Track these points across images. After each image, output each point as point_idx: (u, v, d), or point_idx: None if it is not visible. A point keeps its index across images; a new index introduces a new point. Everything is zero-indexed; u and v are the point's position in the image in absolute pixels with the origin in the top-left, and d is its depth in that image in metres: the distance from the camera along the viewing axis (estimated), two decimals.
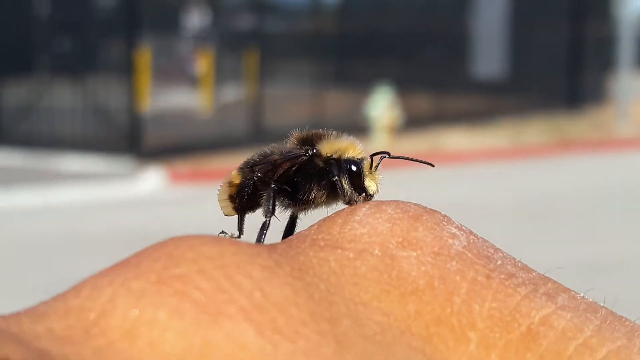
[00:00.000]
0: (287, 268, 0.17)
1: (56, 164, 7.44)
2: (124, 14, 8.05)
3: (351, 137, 0.33)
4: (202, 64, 9.65)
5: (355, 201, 0.30)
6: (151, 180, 6.83)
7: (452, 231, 0.20)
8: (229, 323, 0.16)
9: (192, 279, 0.16)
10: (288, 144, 0.33)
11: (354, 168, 0.30)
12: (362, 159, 0.31)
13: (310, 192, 0.31)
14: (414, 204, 0.22)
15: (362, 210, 0.20)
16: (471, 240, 0.20)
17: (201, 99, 9.30)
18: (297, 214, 0.33)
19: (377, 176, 0.31)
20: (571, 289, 0.20)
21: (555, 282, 0.20)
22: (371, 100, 8.81)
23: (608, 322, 0.19)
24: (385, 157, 0.33)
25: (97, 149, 7.90)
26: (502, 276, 0.19)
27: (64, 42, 8.60)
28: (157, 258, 0.17)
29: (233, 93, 9.48)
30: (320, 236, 0.20)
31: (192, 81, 9.76)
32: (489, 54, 11.12)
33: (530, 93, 11.48)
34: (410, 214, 0.20)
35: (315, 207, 0.32)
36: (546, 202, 6.42)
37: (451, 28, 11.20)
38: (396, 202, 0.22)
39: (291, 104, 9.39)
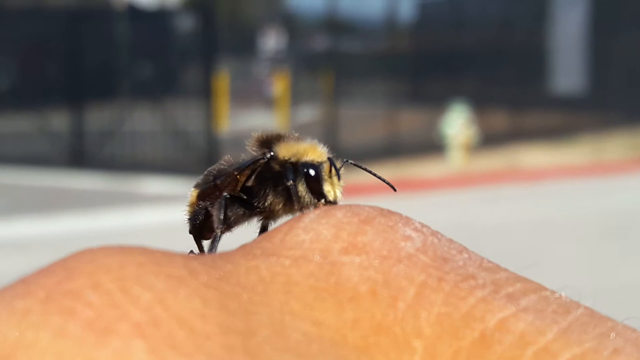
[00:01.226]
0: (204, 277, 0.16)
1: (137, 186, 7.61)
2: (202, 39, 8.21)
3: (314, 139, 0.31)
4: (278, 86, 9.76)
5: (310, 208, 0.28)
6: None
7: (406, 233, 0.18)
8: (117, 341, 0.15)
9: (83, 294, 0.15)
10: (247, 147, 0.31)
11: (311, 172, 0.28)
12: (321, 163, 0.29)
13: (265, 199, 0.29)
14: (372, 207, 0.20)
15: (309, 216, 0.19)
16: (428, 242, 0.18)
17: (277, 119, 9.41)
18: (267, 225, 0.31)
19: (338, 181, 0.29)
20: (551, 288, 0.19)
21: (529, 281, 0.18)
22: (447, 119, 8.76)
23: (580, 323, 0.17)
24: (346, 162, 0.31)
25: (177, 171, 8.05)
26: (458, 278, 0.17)
27: (144, 67, 8.82)
28: (53, 272, 0.16)
29: (309, 113, 9.56)
30: (259, 245, 0.19)
31: (269, 102, 9.88)
32: (568, 69, 10.94)
33: (611, 108, 11.23)
34: (362, 217, 0.19)
35: (276, 215, 0.30)
36: (629, 220, 6.26)
37: (528, 43, 11.07)
38: (350, 206, 0.20)
39: (366, 123, 9.40)
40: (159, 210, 6.43)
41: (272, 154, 0.29)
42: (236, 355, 0.15)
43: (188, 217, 0.31)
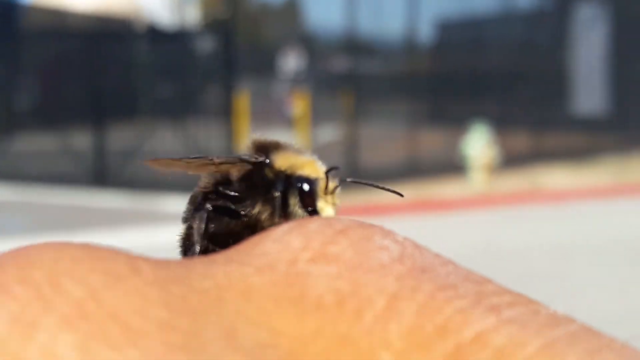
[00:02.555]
0: (148, 276, 0.15)
1: (159, 204, 7.65)
2: (223, 59, 8.26)
3: (313, 155, 0.29)
4: (299, 106, 9.79)
5: None
6: None
7: (383, 244, 0.17)
8: (43, 335, 0.14)
9: (11, 288, 0.15)
10: (243, 149, 0.30)
11: (306, 187, 0.27)
12: (317, 178, 0.28)
13: (253, 207, 0.28)
14: (352, 219, 0.19)
15: (282, 228, 0.18)
16: (407, 253, 0.17)
17: (297, 139, 9.41)
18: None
19: (334, 200, 0.28)
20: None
21: (520, 295, 0.17)
22: (468, 139, 8.74)
23: (570, 337, 0.16)
24: (345, 180, 0.29)
25: None
26: (435, 288, 0.16)
27: (165, 87, 8.88)
28: None
29: (329, 133, 9.57)
30: (224, 254, 0.18)
31: (289, 122, 9.91)
32: (590, 90, 10.90)
33: (633, 129, 11.17)
34: (337, 228, 0.18)
35: (262, 227, 0.28)
36: None
37: (550, 64, 11.05)
38: (326, 218, 0.19)
39: (387, 144, 9.40)
40: (181, 228, 6.44)
41: (267, 161, 0.28)
42: (176, 352, 0.14)
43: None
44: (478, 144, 8.47)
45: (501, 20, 11.02)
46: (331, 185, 0.28)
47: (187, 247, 0.30)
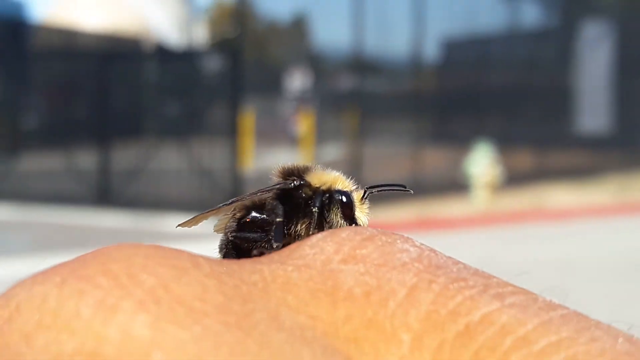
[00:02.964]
0: (206, 269, 0.18)
1: (162, 224, 7.68)
2: (229, 79, 8.32)
3: (336, 171, 0.32)
4: (303, 124, 9.83)
5: None
6: None
7: (404, 247, 0.20)
8: (122, 316, 0.16)
9: (95, 279, 0.17)
10: (272, 176, 0.32)
11: (344, 199, 0.29)
12: (352, 191, 0.30)
13: (296, 224, 0.30)
14: (376, 229, 0.22)
15: (317, 236, 0.21)
16: (425, 255, 0.20)
17: (302, 158, 9.47)
18: None
19: (365, 208, 0.30)
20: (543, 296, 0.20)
21: (519, 287, 0.19)
22: (471, 158, 8.77)
23: (563, 318, 0.18)
24: (371, 191, 0.32)
25: (202, 209, 8.12)
26: (449, 280, 0.19)
27: (170, 106, 8.94)
28: (69, 262, 0.18)
29: (333, 152, 9.62)
30: (268, 256, 0.21)
31: (294, 141, 9.95)
32: (593, 108, 10.94)
33: (637, 147, 11.20)
34: (364, 235, 0.20)
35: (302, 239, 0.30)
36: None
37: (554, 82, 11.09)
38: (355, 227, 0.22)
39: (391, 162, 9.43)
40: (184, 248, 6.46)
41: (303, 181, 0.30)
42: (231, 329, 0.16)
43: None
44: (481, 163, 8.50)
45: (506, 38, 11.08)
46: (361, 195, 0.30)
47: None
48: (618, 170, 10.64)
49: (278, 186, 0.30)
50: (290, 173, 0.31)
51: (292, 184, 0.30)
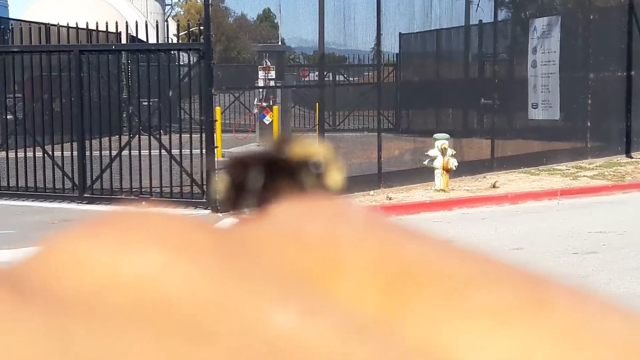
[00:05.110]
0: (196, 223, 0.22)
1: None
2: (200, 72, 8.61)
3: (319, 142, 0.34)
4: (271, 116, 10.19)
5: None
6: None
7: (354, 209, 0.23)
8: (140, 245, 0.20)
9: (107, 230, 0.21)
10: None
11: (318, 168, 0.32)
12: (327, 161, 0.32)
13: (277, 188, 0.31)
14: (334, 197, 0.26)
15: (289, 201, 0.24)
16: (370, 214, 0.23)
17: None
18: None
19: (339, 175, 0.32)
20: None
21: (439, 239, 0.22)
22: (431, 147, 9.23)
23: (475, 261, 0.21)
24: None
25: (177, 198, 8.53)
26: (384, 234, 0.22)
27: (144, 100, 9.26)
28: (82, 224, 0.22)
29: None
30: (248, 221, 0.24)
31: (262, 131, 10.27)
32: (545, 100, 11.45)
33: (585, 137, 11.76)
34: (323, 200, 0.25)
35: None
36: (601, 238, 6.73)
37: (508, 75, 11.60)
38: (319, 193, 0.27)
39: (354, 151, 9.87)
40: None
41: (288, 149, 0.32)
42: (224, 260, 0.20)
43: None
44: (440, 151, 8.98)
45: (461, 32, 11.54)
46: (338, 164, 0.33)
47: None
48: (567, 157, 11.23)
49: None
50: (284, 139, 0.33)
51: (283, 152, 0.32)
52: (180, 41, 11.11)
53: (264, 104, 10.94)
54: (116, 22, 9.76)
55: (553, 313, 0.19)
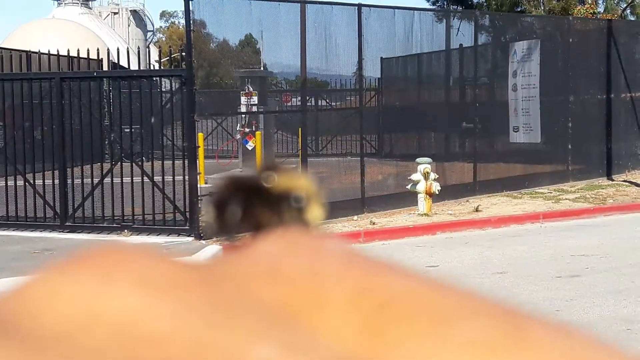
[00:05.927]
0: (180, 261, 0.22)
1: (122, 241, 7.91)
2: (183, 99, 8.62)
3: (302, 173, 0.34)
4: (253, 141, 10.21)
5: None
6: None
7: (332, 245, 0.23)
8: (116, 289, 0.20)
9: (90, 266, 0.21)
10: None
11: (299, 203, 0.31)
12: (310, 196, 0.32)
13: (259, 212, 0.32)
14: (313, 233, 0.27)
15: (270, 236, 0.24)
16: (347, 250, 0.23)
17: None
18: None
19: (320, 210, 0.32)
20: None
21: (414, 273, 0.23)
22: (413, 171, 9.26)
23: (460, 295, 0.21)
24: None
25: (159, 225, 8.50)
26: (366, 269, 0.22)
27: (126, 126, 9.24)
28: (65, 260, 0.21)
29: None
30: (232, 251, 0.24)
31: (245, 157, 10.29)
32: (526, 124, 11.52)
33: (566, 160, 11.83)
34: (302, 236, 0.24)
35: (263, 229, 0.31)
36: (586, 261, 6.77)
37: (489, 99, 11.68)
38: (298, 229, 0.27)
39: (337, 176, 9.90)
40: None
41: (274, 179, 0.32)
42: (203, 292, 0.20)
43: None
44: (422, 176, 9.01)
45: (442, 56, 11.62)
46: (318, 201, 0.33)
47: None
48: (548, 181, 11.30)
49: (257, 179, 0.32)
50: (268, 168, 0.33)
51: (266, 182, 0.32)
52: (162, 67, 11.11)
53: (247, 130, 10.96)
54: (97, 49, 9.76)
55: (534, 348, 0.19)
